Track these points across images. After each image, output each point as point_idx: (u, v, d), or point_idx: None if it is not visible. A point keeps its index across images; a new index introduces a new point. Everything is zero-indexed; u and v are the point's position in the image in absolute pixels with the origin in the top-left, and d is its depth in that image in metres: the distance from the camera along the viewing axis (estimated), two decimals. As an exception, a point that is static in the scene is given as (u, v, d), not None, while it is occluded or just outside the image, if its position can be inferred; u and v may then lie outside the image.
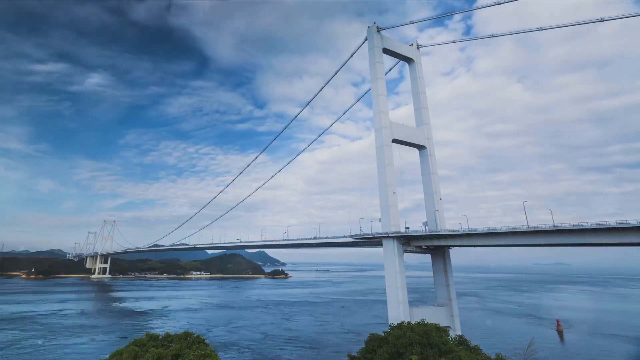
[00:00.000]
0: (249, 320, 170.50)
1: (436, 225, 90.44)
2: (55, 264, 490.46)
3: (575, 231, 61.56)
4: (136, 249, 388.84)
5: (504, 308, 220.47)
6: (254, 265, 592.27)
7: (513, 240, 71.45)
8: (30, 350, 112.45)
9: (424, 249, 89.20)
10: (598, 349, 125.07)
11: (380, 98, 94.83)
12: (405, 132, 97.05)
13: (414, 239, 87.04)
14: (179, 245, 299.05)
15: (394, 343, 36.32)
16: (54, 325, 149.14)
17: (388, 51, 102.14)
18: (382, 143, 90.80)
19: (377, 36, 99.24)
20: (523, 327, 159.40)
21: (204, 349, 34.37)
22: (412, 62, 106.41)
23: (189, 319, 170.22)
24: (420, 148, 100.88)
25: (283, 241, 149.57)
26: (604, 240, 59.94)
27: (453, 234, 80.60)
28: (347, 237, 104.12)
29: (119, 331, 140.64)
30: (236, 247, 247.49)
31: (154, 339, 35.27)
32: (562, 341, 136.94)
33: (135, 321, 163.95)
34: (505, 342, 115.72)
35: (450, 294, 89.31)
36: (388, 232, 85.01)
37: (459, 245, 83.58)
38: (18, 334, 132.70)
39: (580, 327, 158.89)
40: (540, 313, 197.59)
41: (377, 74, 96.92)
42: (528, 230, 66.67)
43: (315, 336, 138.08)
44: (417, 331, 37.36)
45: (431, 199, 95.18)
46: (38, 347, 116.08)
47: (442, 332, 38.54)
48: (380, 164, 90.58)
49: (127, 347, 33.09)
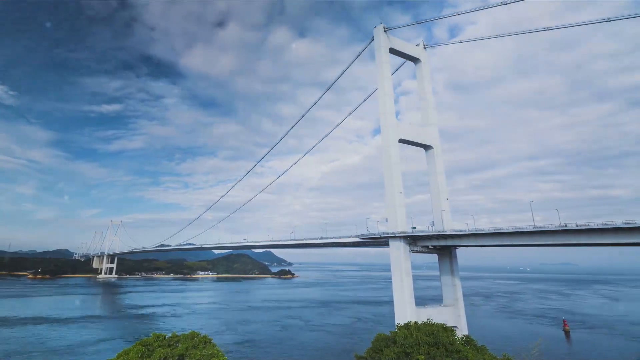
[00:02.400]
0: (256, 320, 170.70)
1: (442, 225, 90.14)
2: (62, 263, 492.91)
3: (583, 231, 61.10)
4: (143, 249, 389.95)
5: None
6: (261, 265, 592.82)
7: (520, 240, 71.01)
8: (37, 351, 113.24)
9: (431, 248, 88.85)
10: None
11: (386, 98, 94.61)
12: (411, 132, 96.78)
13: (421, 238, 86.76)
14: (185, 245, 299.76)
15: (400, 343, 36.16)
16: (60, 326, 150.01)
17: (394, 51, 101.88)
18: (389, 143, 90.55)
19: (383, 36, 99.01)
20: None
21: (210, 349, 34.35)
22: (418, 62, 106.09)
23: (195, 319, 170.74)
24: (427, 148, 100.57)
25: (289, 241, 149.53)
26: (612, 240, 59.40)
27: (460, 234, 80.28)
28: (354, 237, 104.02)
29: (126, 331, 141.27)
30: (243, 247, 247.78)
31: (160, 339, 35.24)
32: (569, 340, 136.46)
33: (141, 321, 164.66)
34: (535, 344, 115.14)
35: (456, 293, 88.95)
36: (394, 232, 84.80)
37: (466, 245, 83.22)
38: (24, 335, 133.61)
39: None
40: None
41: (384, 73, 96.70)
42: (535, 230, 66.23)
43: (321, 336, 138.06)
44: (424, 331, 37.19)
45: (437, 199, 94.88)
46: (44, 347, 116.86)
47: (449, 332, 38.33)
48: (386, 164, 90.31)
49: (134, 347, 33.11)
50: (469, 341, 38.58)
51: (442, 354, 34.14)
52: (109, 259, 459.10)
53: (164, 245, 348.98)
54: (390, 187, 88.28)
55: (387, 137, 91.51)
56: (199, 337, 36.71)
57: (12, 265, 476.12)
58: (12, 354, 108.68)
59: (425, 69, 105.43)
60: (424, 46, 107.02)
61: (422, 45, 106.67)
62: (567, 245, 67.91)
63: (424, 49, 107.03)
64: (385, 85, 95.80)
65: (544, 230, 64.98)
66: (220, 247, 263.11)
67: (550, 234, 65.27)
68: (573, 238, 63.32)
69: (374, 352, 37.95)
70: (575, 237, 62.87)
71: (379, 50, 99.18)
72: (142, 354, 31.82)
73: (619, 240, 58.34)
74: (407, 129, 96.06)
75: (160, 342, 34.56)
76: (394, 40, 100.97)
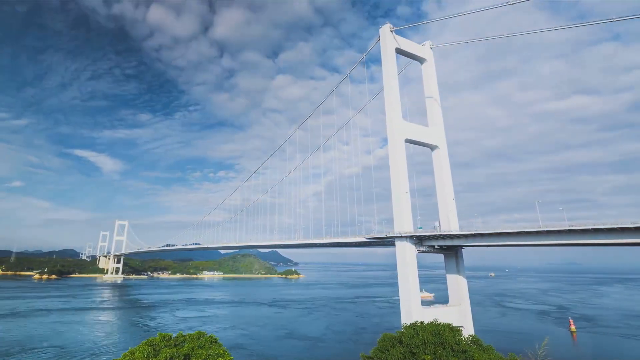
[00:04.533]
0: (262, 320, 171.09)
1: (449, 225, 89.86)
2: (69, 263, 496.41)
3: (589, 231, 60.68)
4: (149, 249, 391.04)
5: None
6: (267, 265, 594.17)
7: (526, 240, 70.61)
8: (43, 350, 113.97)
9: (437, 248, 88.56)
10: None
11: (393, 98, 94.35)
12: (417, 132, 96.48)
13: (427, 238, 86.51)
14: (192, 245, 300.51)
15: (407, 343, 36.13)
16: (66, 325, 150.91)
17: (401, 51, 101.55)
18: (395, 143, 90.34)
19: (389, 36, 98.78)
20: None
21: (216, 348, 34.41)
22: (425, 62, 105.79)
23: (201, 319, 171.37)
24: (433, 148, 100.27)
25: (295, 241, 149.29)
26: (618, 240, 58.83)
27: (466, 234, 79.94)
28: (360, 237, 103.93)
29: (132, 331, 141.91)
30: (249, 247, 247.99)
31: (166, 338, 35.31)
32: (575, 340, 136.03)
33: (148, 321, 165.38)
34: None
35: (462, 293, 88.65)
36: (400, 232, 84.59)
37: (472, 245, 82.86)
38: (31, 333, 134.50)
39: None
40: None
41: (390, 73, 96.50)
42: (542, 230, 65.89)
43: (328, 336, 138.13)
44: (430, 331, 37.14)
45: (444, 199, 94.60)
46: (50, 346, 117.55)
47: (455, 331, 38.25)
48: (392, 164, 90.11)
49: (140, 347, 33.22)
50: (475, 341, 38.49)
51: (449, 353, 34.08)
52: (115, 259, 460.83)
53: (170, 245, 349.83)
54: (396, 187, 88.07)
55: (393, 137, 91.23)
56: (205, 337, 36.78)
57: (18, 265, 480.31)
58: (19, 352, 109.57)
59: (431, 69, 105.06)
60: (430, 46, 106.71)
61: (428, 45, 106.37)
62: (575, 245, 67.45)
63: (430, 49, 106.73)
64: (392, 85, 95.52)
65: (551, 230, 64.63)
66: (227, 247, 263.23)
67: (556, 234, 64.93)
68: (579, 238, 62.92)
69: (380, 351, 37.92)
70: (582, 237, 62.46)
71: (385, 50, 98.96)
72: (148, 354, 31.92)
73: (626, 240, 57.75)
74: (413, 129, 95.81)
75: (167, 342, 34.66)
76: (400, 40, 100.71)
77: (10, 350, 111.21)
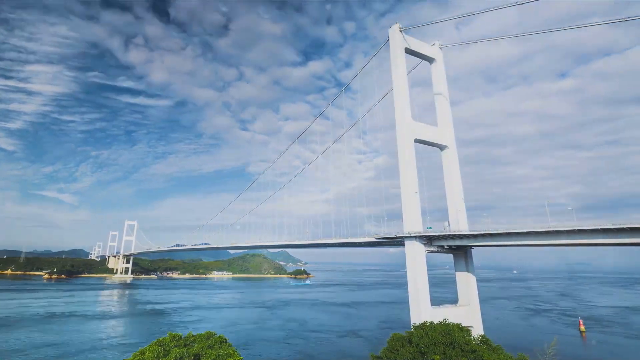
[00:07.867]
0: (271, 320, 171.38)
1: (458, 225, 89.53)
2: (78, 263, 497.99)
3: (599, 231, 60.22)
4: (158, 249, 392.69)
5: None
6: (276, 265, 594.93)
7: (536, 240, 70.16)
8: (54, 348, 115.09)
9: (446, 248, 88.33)
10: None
11: (402, 98, 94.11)
12: (427, 132, 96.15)
13: (436, 238, 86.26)
14: (201, 245, 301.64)
15: (416, 343, 36.15)
16: (77, 324, 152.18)
17: (410, 51, 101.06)
18: (404, 143, 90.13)
19: (399, 36, 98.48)
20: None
21: (226, 348, 34.62)
22: (434, 62, 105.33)
23: (211, 319, 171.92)
24: (442, 148, 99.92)
25: (304, 241, 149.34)
26: (629, 240, 58.37)
27: (475, 234, 79.63)
28: (369, 237, 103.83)
29: (142, 331, 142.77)
30: (258, 247, 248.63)
31: (176, 338, 35.61)
32: (584, 340, 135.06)
33: (157, 321, 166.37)
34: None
35: (472, 293, 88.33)
36: (410, 232, 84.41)
37: (481, 245, 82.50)
38: (42, 332, 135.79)
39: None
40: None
41: (399, 73, 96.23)
42: (552, 230, 65.48)
43: (338, 336, 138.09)
44: (439, 331, 37.12)
45: (453, 199, 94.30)
46: (62, 345, 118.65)
47: (464, 332, 38.20)
48: (401, 164, 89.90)
49: (150, 347, 33.52)
50: (484, 341, 38.40)
51: (458, 353, 34.04)
52: (124, 258, 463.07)
53: (179, 245, 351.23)
54: (405, 188, 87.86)
55: (402, 137, 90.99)
56: (214, 337, 37.03)
57: (28, 265, 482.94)
58: (31, 351, 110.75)
59: (441, 69, 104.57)
60: (439, 46, 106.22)
61: (437, 45, 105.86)
62: (586, 245, 66.95)
63: (439, 48, 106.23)
64: (401, 85, 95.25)
65: (561, 230, 64.26)
66: (236, 247, 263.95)
67: (566, 233, 64.52)
68: (589, 238, 62.44)
69: (390, 351, 37.95)
70: (592, 237, 61.98)
71: (394, 50, 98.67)
72: (158, 354, 32.22)
73: (637, 240, 57.28)
74: (423, 129, 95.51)
75: (177, 342, 34.95)
76: (409, 40, 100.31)
77: (23, 349, 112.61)
